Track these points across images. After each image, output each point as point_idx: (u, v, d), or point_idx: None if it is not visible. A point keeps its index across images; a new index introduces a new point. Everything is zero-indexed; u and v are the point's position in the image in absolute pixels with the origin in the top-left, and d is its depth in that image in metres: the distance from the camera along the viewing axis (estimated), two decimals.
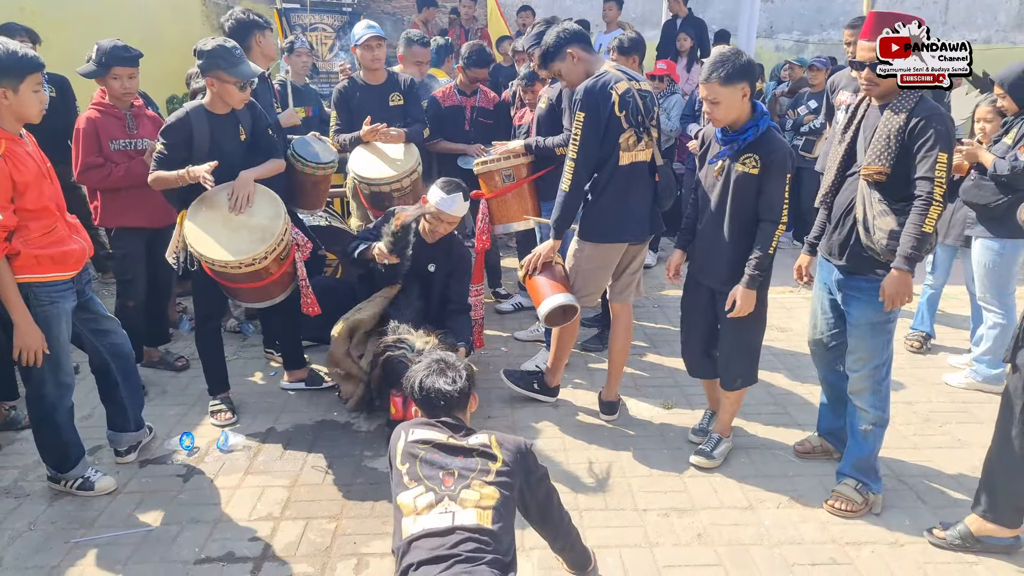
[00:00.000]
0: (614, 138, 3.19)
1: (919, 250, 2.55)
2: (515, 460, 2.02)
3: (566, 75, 3.36)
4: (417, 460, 1.97)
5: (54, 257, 2.70)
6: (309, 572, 2.60)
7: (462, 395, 2.12)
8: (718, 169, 2.96)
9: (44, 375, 2.82)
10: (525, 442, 2.10)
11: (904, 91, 2.59)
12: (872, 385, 2.84)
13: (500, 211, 4.13)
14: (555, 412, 3.75)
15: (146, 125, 3.88)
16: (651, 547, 2.72)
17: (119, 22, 6.59)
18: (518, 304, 5.17)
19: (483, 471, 1.94)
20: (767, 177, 2.84)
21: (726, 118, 2.85)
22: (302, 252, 3.57)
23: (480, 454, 1.98)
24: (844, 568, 2.62)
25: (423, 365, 2.16)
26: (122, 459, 3.25)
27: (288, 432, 3.55)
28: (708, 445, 3.27)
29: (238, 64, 3.20)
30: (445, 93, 4.87)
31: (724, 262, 3.00)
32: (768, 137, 2.85)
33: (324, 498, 3.02)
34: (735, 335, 3.09)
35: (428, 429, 2.05)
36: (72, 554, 2.67)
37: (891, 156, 2.57)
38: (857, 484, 2.92)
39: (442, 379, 2.09)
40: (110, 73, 3.65)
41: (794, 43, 11.26)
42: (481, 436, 2.04)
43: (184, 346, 4.45)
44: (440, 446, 2.00)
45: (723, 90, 2.78)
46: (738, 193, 2.90)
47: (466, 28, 7.99)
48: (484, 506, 1.88)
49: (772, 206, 2.85)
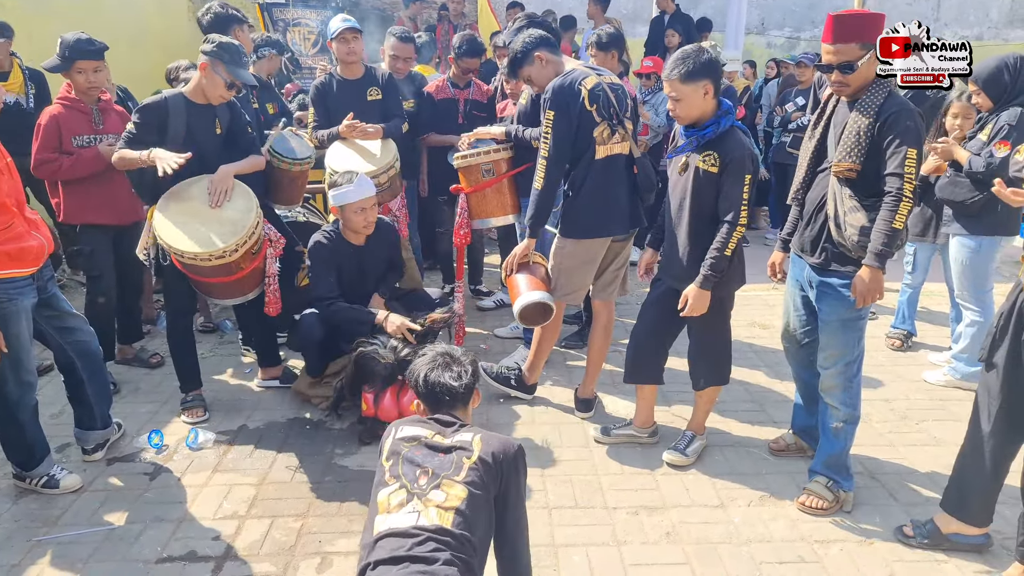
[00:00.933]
0: (588, 133, 3.18)
1: (889, 247, 2.53)
2: (496, 458, 1.92)
3: (536, 78, 3.37)
4: (400, 457, 1.94)
5: (11, 253, 2.65)
6: (271, 571, 2.57)
7: (467, 391, 2.07)
8: (681, 165, 2.94)
9: (5, 373, 2.78)
10: (516, 444, 1.99)
11: (872, 87, 2.57)
12: (843, 382, 2.81)
13: (479, 206, 4.10)
14: (530, 409, 3.72)
15: (113, 120, 3.78)
16: (619, 545, 2.69)
17: (103, 17, 6.54)
18: (499, 301, 5.14)
19: (457, 467, 1.90)
20: (726, 177, 2.81)
21: (688, 115, 2.83)
22: (275, 248, 3.54)
23: (459, 450, 1.93)
24: (811, 566, 2.60)
25: (427, 358, 2.09)
26: (89, 457, 3.21)
27: (259, 430, 3.52)
28: (681, 443, 3.25)
29: (239, 66, 3.25)
30: (438, 86, 4.85)
31: (682, 259, 2.98)
32: (728, 136, 2.82)
33: (291, 496, 2.99)
34: (696, 336, 3.08)
35: (417, 426, 2.01)
36: (33, 552, 2.64)
37: (861, 153, 2.55)
38: (828, 482, 2.90)
39: (447, 373, 2.04)
40: (74, 67, 3.55)
41: (786, 39, 11.23)
42: (466, 434, 1.98)
43: (161, 343, 4.40)
44: (424, 444, 1.96)
45: (684, 87, 2.76)
46: (698, 191, 2.88)
47: (455, 24, 7.94)
48: (447, 506, 1.84)
49: (731, 207, 2.82)
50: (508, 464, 1.93)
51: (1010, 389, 2.43)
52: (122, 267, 3.92)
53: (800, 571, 2.58)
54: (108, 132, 3.73)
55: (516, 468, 1.96)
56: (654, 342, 3.20)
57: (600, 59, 4.14)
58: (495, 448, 1.93)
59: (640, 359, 3.22)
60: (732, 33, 8.32)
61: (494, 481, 1.91)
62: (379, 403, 3.29)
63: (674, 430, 3.46)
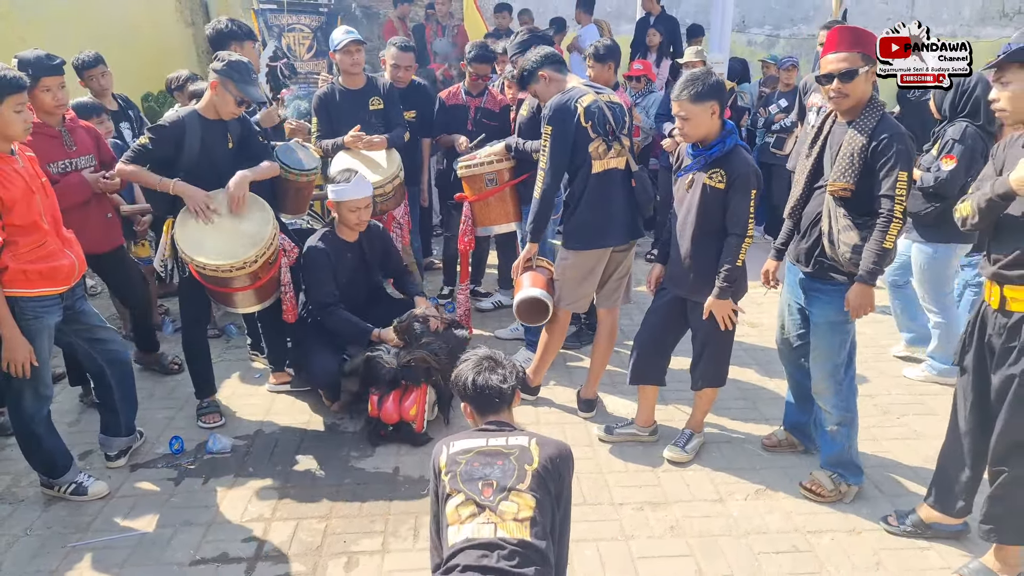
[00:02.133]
0: (583, 147, 3.36)
1: (880, 265, 2.71)
2: (554, 462, 1.98)
3: (540, 94, 3.56)
4: (459, 470, 1.98)
5: (43, 272, 2.75)
6: (301, 571, 2.72)
7: (512, 391, 2.12)
8: (688, 182, 3.10)
9: (23, 387, 2.88)
10: (567, 446, 2.07)
11: (867, 109, 2.71)
12: (833, 386, 3.01)
13: (483, 214, 4.26)
14: (533, 409, 3.89)
15: (83, 138, 3.57)
16: (627, 540, 2.88)
17: (92, 20, 6.55)
18: (497, 302, 5.29)
19: (520, 476, 1.94)
20: (733, 192, 2.98)
21: (695, 134, 2.99)
22: (288, 258, 3.66)
23: (518, 458, 1.97)
24: (805, 555, 2.80)
25: (472, 363, 2.13)
26: (112, 463, 3.33)
27: (275, 434, 3.65)
28: (680, 440, 3.44)
29: (248, 84, 3.33)
30: (451, 92, 4.97)
31: (690, 271, 3.15)
32: (734, 154, 2.99)
33: (313, 498, 3.13)
34: (701, 341, 3.26)
35: (468, 439, 2.05)
36: (69, 558, 2.76)
37: (855, 173, 2.71)
38: (832, 474, 3.11)
39: (494, 376, 2.09)
40: (40, 85, 3.23)
41: (766, 37, 11.43)
42: (521, 438, 2.03)
43: (167, 348, 4.50)
44: (480, 453, 2.00)
45: (694, 108, 2.92)
46: (705, 206, 3.04)
47: (443, 24, 8.03)
48: (522, 518, 1.89)
49: (739, 221, 2.99)
50: (564, 466, 2.01)
51: (979, 390, 2.62)
52: (119, 290, 3.90)
53: (795, 560, 2.78)
54: (82, 154, 3.53)
55: (569, 469, 2.04)
56: (658, 347, 3.39)
57: (598, 70, 4.30)
58: (552, 452, 2.00)
59: (644, 362, 3.41)
60: (717, 34, 8.46)
61: (554, 483, 1.98)
62: (382, 405, 3.47)
63: (674, 428, 3.65)
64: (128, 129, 4.73)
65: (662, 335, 3.37)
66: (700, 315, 3.15)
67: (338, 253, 3.74)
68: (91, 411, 3.72)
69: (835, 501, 3.09)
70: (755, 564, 2.76)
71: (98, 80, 4.49)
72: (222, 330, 4.83)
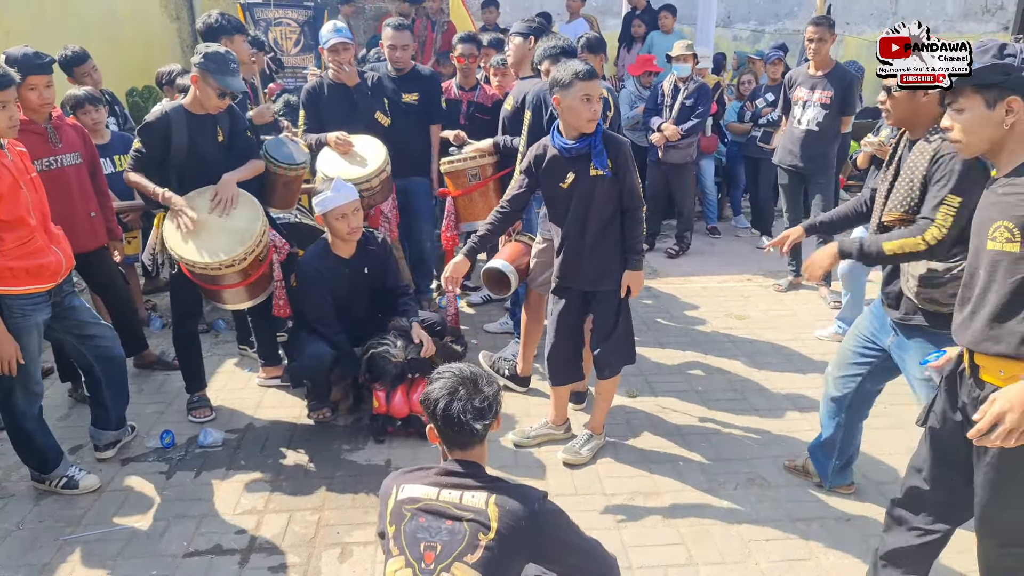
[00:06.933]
0: None
1: (868, 254, 2.57)
2: (514, 531, 1.74)
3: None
4: (403, 524, 1.79)
5: (29, 269, 2.73)
6: (296, 562, 2.73)
7: (487, 430, 1.85)
8: (570, 180, 3.06)
9: (13, 385, 2.86)
10: (537, 502, 1.80)
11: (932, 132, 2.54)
12: None
13: (466, 209, 4.27)
14: (524, 401, 3.91)
15: (69, 135, 3.53)
16: (618, 529, 2.91)
17: (77, 16, 6.50)
18: (486, 297, 5.30)
19: (471, 545, 1.72)
20: (622, 173, 3.02)
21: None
22: (279, 254, 3.66)
23: (472, 521, 1.74)
24: (795, 541, 2.85)
25: (446, 383, 1.83)
26: (101, 455, 3.33)
27: (266, 427, 3.65)
28: (578, 442, 3.40)
29: (226, 74, 3.28)
30: (444, 87, 4.96)
31: (591, 264, 3.14)
32: (608, 137, 3.03)
33: (306, 491, 3.14)
34: (606, 324, 3.22)
35: (420, 484, 1.83)
36: (62, 551, 2.76)
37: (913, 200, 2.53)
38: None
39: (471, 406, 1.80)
40: (26, 83, 3.19)
41: (751, 32, 11.51)
42: (479, 496, 1.77)
43: (156, 344, 4.49)
44: (427, 509, 1.79)
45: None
46: (598, 196, 3.04)
47: (433, 20, 8.02)
48: None
49: (633, 196, 3.07)
50: (532, 529, 1.77)
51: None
52: (103, 291, 3.86)
53: (785, 546, 2.83)
54: (67, 151, 3.50)
55: (541, 528, 1.79)
56: (573, 346, 3.36)
57: (590, 60, 4.31)
58: (513, 517, 1.75)
59: (563, 364, 3.38)
60: (703, 28, 8.51)
61: (519, 548, 1.77)
62: (391, 400, 3.45)
63: (661, 421, 3.70)
64: (114, 124, 4.70)
65: (574, 335, 3.33)
66: (608, 301, 3.18)
67: (332, 270, 3.55)
68: (82, 406, 3.71)
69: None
70: (745, 551, 2.80)
71: (91, 76, 4.51)
72: (211, 325, 4.81)
